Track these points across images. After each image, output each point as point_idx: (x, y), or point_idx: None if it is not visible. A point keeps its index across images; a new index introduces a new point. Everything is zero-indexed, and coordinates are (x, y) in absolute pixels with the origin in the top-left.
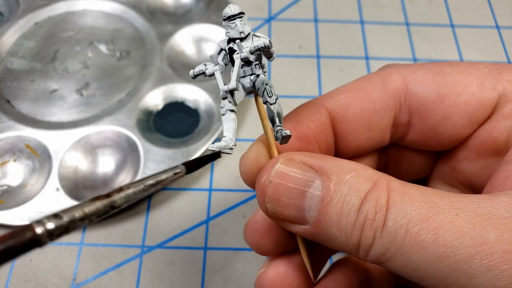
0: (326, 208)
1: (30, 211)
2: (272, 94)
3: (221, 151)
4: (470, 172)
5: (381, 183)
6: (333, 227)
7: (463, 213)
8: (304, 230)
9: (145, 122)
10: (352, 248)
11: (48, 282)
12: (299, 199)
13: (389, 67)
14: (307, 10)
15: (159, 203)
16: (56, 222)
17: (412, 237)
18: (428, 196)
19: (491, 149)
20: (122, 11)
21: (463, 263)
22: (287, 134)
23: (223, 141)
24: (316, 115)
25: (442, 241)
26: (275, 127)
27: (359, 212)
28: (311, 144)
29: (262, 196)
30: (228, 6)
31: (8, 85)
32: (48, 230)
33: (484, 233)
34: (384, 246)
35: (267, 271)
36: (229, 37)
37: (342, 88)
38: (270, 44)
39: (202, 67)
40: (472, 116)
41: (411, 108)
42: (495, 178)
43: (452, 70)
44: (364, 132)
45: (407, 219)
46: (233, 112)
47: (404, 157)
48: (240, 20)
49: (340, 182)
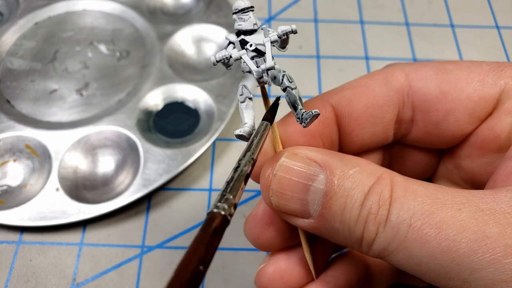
0: (330, 202)
1: (30, 211)
2: (292, 80)
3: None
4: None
5: (384, 178)
6: (336, 221)
7: (465, 208)
8: (307, 224)
9: (145, 122)
10: (355, 242)
11: (48, 282)
12: (303, 193)
13: (392, 65)
14: (307, 10)
15: (159, 203)
16: (228, 202)
17: (415, 231)
18: (431, 191)
19: (493, 146)
20: (122, 11)
21: (465, 257)
22: (315, 113)
23: (246, 127)
24: (321, 111)
25: (444, 236)
26: (300, 110)
27: (363, 206)
28: (315, 139)
29: (267, 190)
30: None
31: (8, 85)
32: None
33: (487, 227)
34: (386, 240)
35: (267, 266)
36: (240, 29)
37: (346, 85)
38: (296, 30)
39: (225, 52)
40: (474, 111)
41: (414, 104)
42: (497, 174)
43: (455, 67)
44: (368, 128)
45: (410, 213)
46: (251, 100)
47: (408, 156)
48: (253, 13)
49: (344, 177)
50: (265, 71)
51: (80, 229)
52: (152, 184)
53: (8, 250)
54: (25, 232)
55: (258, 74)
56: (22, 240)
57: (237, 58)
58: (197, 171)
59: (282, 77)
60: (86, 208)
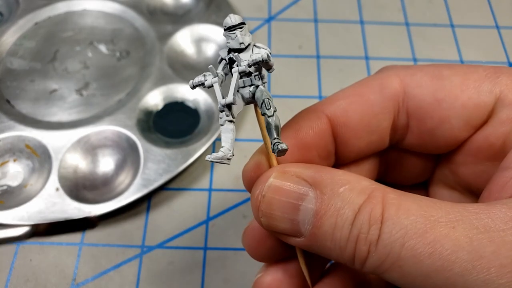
0: (320, 221)
1: (30, 211)
2: (270, 107)
3: (220, 160)
4: (468, 177)
5: (375, 196)
6: (327, 240)
7: (460, 225)
8: (299, 242)
9: (145, 122)
10: (347, 260)
11: (48, 282)
12: (293, 213)
13: (387, 69)
14: (307, 10)
15: (159, 203)
16: None
17: (409, 250)
18: (424, 208)
19: (488, 154)
20: (122, 11)
21: (460, 276)
22: (283, 148)
23: (221, 151)
24: (316, 122)
25: (438, 255)
26: (272, 140)
27: (353, 225)
28: (311, 152)
29: (257, 210)
30: (228, 16)
31: (8, 85)
32: None
33: (481, 247)
34: (379, 259)
35: (264, 276)
36: (229, 47)
37: (341, 94)
38: (268, 58)
39: (201, 78)
40: (469, 119)
41: (408, 111)
42: (492, 185)
43: (450, 73)
44: (364, 137)
45: (402, 232)
46: (232, 123)
47: (404, 160)
48: (241, 31)
49: (334, 195)
50: (225, 106)
51: (80, 229)
52: (152, 184)
53: (8, 250)
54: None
55: (220, 108)
56: (22, 240)
57: (209, 86)
58: (197, 171)
59: (261, 102)
60: (86, 208)
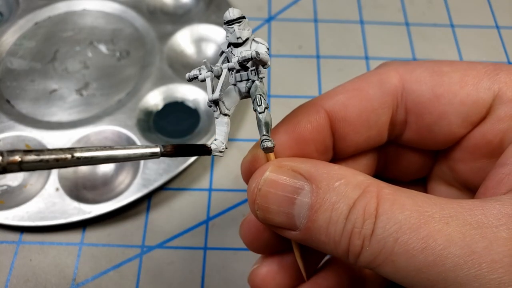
0: (315, 215)
1: (30, 211)
2: (261, 103)
3: (212, 152)
4: (465, 173)
5: (370, 191)
6: (322, 234)
7: (453, 221)
8: (294, 235)
9: (145, 122)
10: (341, 254)
11: (48, 282)
12: (288, 206)
13: (386, 65)
14: (307, 10)
15: (159, 203)
16: None
17: (402, 246)
18: (418, 204)
19: (485, 151)
20: (122, 11)
21: (451, 272)
22: (268, 146)
23: (213, 144)
24: (314, 116)
25: (431, 250)
26: (261, 136)
27: (347, 220)
28: (309, 146)
29: (253, 204)
30: (228, 10)
31: (8, 85)
32: None
33: (473, 242)
34: (373, 253)
35: (260, 267)
36: (228, 41)
37: (340, 88)
38: (256, 55)
39: (197, 71)
40: (467, 116)
41: (407, 106)
42: (489, 181)
43: (450, 70)
44: (362, 132)
45: (396, 227)
46: (227, 116)
47: (402, 155)
48: (239, 25)
49: (329, 189)
50: (211, 102)
51: (80, 229)
52: (152, 184)
53: (8, 250)
54: (25, 232)
55: (208, 104)
56: (22, 240)
57: (202, 80)
58: (197, 171)
59: (254, 98)
60: (86, 208)
